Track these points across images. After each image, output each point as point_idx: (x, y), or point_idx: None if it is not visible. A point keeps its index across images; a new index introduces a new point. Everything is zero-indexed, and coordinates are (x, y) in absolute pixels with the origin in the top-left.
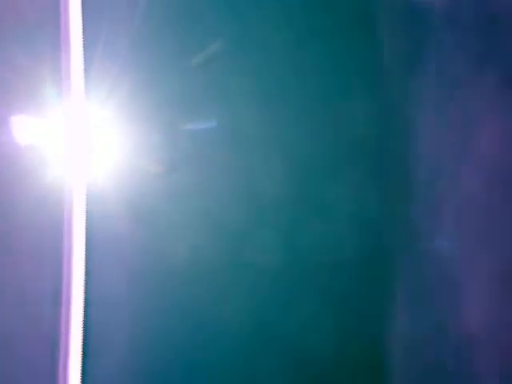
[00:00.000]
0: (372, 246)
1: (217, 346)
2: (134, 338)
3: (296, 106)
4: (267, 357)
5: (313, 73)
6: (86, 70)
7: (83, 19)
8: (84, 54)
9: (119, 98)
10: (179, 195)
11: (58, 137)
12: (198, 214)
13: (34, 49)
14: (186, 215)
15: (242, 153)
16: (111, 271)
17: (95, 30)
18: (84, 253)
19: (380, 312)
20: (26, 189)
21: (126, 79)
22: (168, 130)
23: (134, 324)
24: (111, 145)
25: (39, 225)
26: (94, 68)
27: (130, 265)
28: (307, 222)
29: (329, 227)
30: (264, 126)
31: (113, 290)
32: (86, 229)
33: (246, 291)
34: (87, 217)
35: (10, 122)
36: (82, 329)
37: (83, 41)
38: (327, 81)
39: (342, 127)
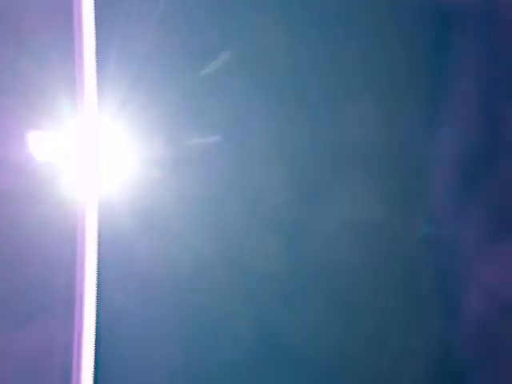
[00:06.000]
0: (375, 250)
1: (223, 351)
2: (145, 344)
3: (300, 113)
4: (271, 361)
5: (321, 85)
6: (99, 83)
7: (96, 34)
8: (97, 68)
9: (131, 112)
10: (190, 206)
11: (71, 150)
12: (209, 226)
13: (47, 64)
14: (198, 226)
15: (248, 162)
16: (123, 280)
17: (108, 44)
18: (96, 262)
19: (385, 315)
20: (40, 201)
21: (137, 93)
22: (178, 142)
23: (145, 332)
24: (123, 158)
25: (53, 236)
26: (107, 82)
27: (142, 274)
28: (311, 227)
29: (333, 232)
30: (269, 135)
31: (125, 298)
32: (99, 240)
33: (252, 296)
34: (99, 228)
35: (25, 136)
36: (94, 337)
37: (96, 55)
38: (334, 90)
39: (347, 135)
